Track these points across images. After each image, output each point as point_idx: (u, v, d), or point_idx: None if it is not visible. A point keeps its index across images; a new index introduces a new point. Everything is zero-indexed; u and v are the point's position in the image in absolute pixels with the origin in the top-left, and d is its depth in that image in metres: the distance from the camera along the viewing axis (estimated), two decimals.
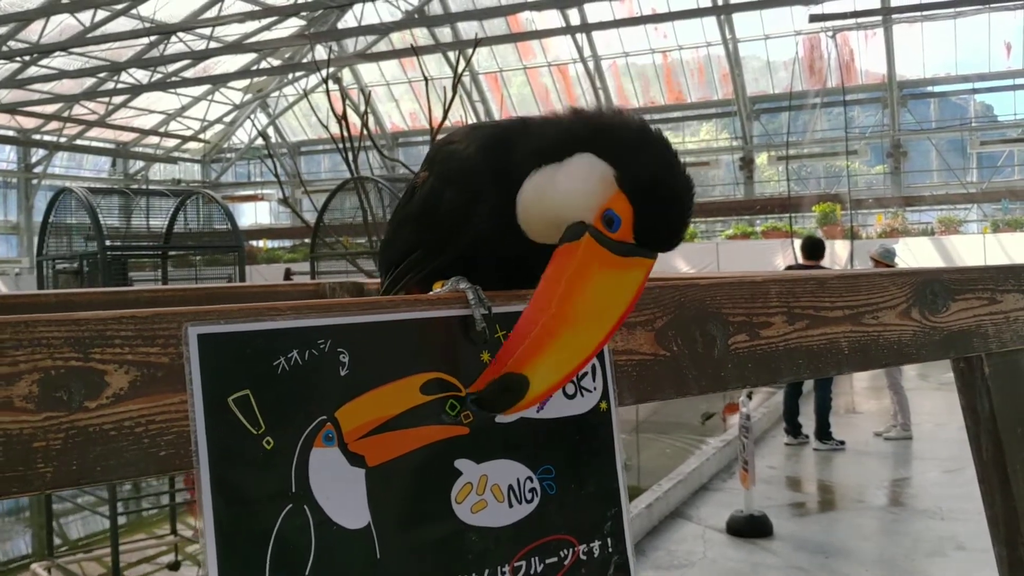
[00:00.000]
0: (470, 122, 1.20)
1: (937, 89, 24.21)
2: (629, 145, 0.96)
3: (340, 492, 0.80)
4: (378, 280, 3.38)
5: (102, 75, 23.69)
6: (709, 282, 1.05)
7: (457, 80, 9.63)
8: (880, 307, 1.20)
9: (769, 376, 1.08)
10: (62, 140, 27.74)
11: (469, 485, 0.87)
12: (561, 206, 0.97)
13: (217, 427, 0.75)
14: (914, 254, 17.14)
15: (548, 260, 0.96)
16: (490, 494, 0.88)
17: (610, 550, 0.94)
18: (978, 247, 17.91)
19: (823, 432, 9.14)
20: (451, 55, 22.27)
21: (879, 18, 21.28)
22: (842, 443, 9.15)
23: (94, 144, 29.26)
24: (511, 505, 0.89)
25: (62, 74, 22.36)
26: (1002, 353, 1.35)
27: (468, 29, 23.02)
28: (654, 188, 0.93)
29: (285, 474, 0.77)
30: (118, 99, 25.74)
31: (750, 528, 6.45)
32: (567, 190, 0.97)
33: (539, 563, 0.90)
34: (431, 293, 1.01)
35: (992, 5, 19.81)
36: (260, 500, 0.76)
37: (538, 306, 0.91)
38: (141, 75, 24.08)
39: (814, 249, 9.39)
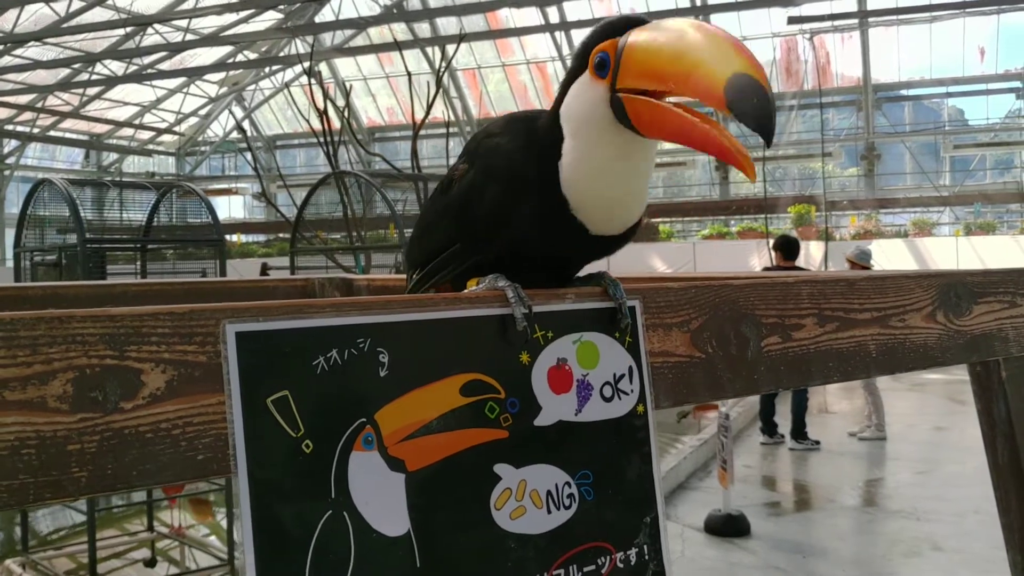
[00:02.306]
0: (509, 113, 1.18)
1: (911, 92, 24.42)
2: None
3: (380, 498, 0.77)
4: (365, 276, 3.31)
5: (77, 66, 23.39)
6: (743, 282, 1.03)
7: (440, 76, 9.60)
8: (907, 309, 1.19)
9: (800, 379, 1.06)
10: (35, 131, 27.36)
11: (508, 491, 0.84)
12: (586, 125, 1.00)
13: (256, 429, 0.72)
14: (887, 256, 17.27)
15: (588, 260, 0.96)
16: (529, 500, 0.85)
17: (647, 558, 0.92)
18: (951, 250, 18.08)
19: (799, 432, 9.18)
20: (431, 51, 22.22)
21: (855, 21, 21.41)
22: (817, 443, 9.19)
23: (68, 135, 28.90)
24: (549, 511, 0.87)
25: (36, 64, 22.07)
26: (1020, 357, 1.34)
27: (447, 25, 22.94)
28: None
29: (325, 479, 0.74)
30: (92, 90, 25.43)
31: (728, 527, 6.46)
32: (576, 107, 1.01)
33: (577, 571, 0.87)
34: (467, 291, 0.98)
35: (967, 10, 20.00)
36: (300, 506, 0.73)
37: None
38: (116, 66, 23.79)
39: (790, 249, 9.40)
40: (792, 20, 19.12)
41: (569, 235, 1.01)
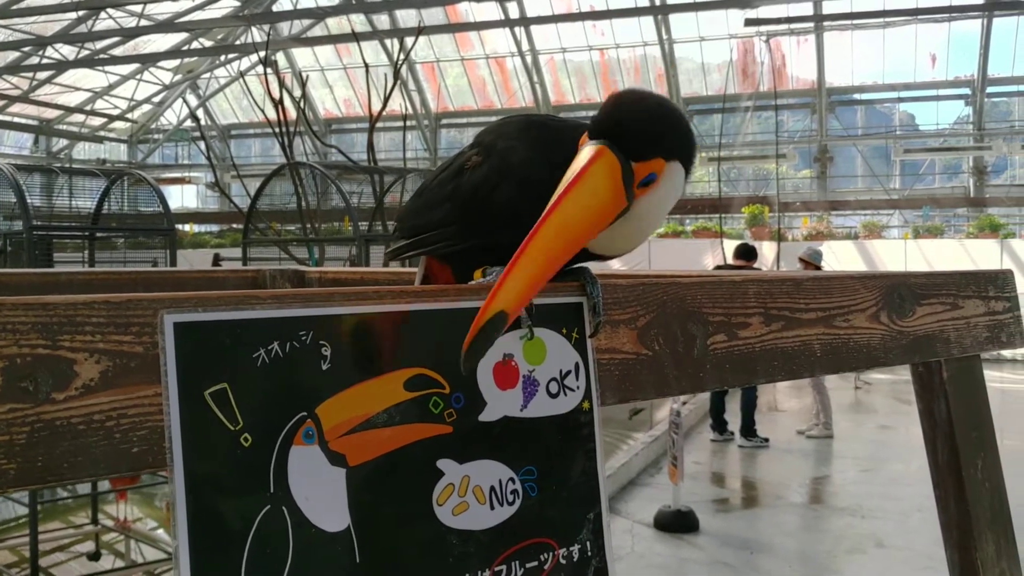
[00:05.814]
0: (521, 114, 1.20)
1: (864, 97, 24.80)
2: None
3: (320, 493, 0.76)
4: (318, 268, 3.28)
5: (26, 49, 22.90)
6: (690, 280, 1.03)
7: (398, 69, 9.56)
8: (851, 310, 1.20)
9: (746, 377, 1.07)
10: None
11: (451, 486, 0.84)
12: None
13: (193, 422, 0.70)
14: (838, 257, 17.51)
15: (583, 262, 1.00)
16: (472, 496, 0.85)
17: (589, 554, 0.92)
18: (899, 252, 18.38)
19: (748, 429, 9.29)
20: (389, 43, 22.09)
21: (811, 24, 21.67)
22: (766, 440, 9.31)
23: (16, 120, 28.28)
24: (493, 507, 0.86)
25: None
26: (960, 359, 1.36)
27: (406, 17, 22.83)
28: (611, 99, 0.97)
29: (263, 473, 0.73)
30: (43, 75, 24.91)
31: (677, 523, 6.53)
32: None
33: (519, 567, 0.87)
34: (472, 283, 1.01)
35: (920, 16, 20.33)
36: (237, 501, 0.72)
37: None
38: (68, 51, 23.33)
39: (748, 257, 9.59)
40: (749, 22, 19.31)
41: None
